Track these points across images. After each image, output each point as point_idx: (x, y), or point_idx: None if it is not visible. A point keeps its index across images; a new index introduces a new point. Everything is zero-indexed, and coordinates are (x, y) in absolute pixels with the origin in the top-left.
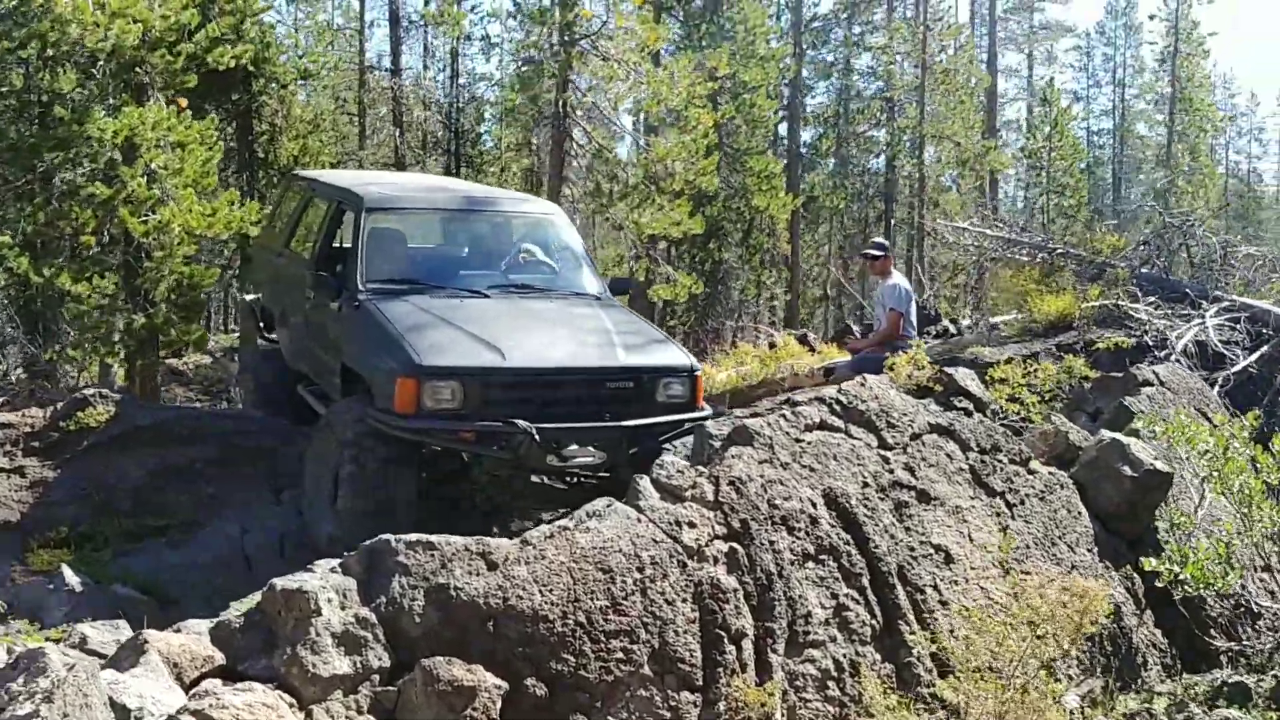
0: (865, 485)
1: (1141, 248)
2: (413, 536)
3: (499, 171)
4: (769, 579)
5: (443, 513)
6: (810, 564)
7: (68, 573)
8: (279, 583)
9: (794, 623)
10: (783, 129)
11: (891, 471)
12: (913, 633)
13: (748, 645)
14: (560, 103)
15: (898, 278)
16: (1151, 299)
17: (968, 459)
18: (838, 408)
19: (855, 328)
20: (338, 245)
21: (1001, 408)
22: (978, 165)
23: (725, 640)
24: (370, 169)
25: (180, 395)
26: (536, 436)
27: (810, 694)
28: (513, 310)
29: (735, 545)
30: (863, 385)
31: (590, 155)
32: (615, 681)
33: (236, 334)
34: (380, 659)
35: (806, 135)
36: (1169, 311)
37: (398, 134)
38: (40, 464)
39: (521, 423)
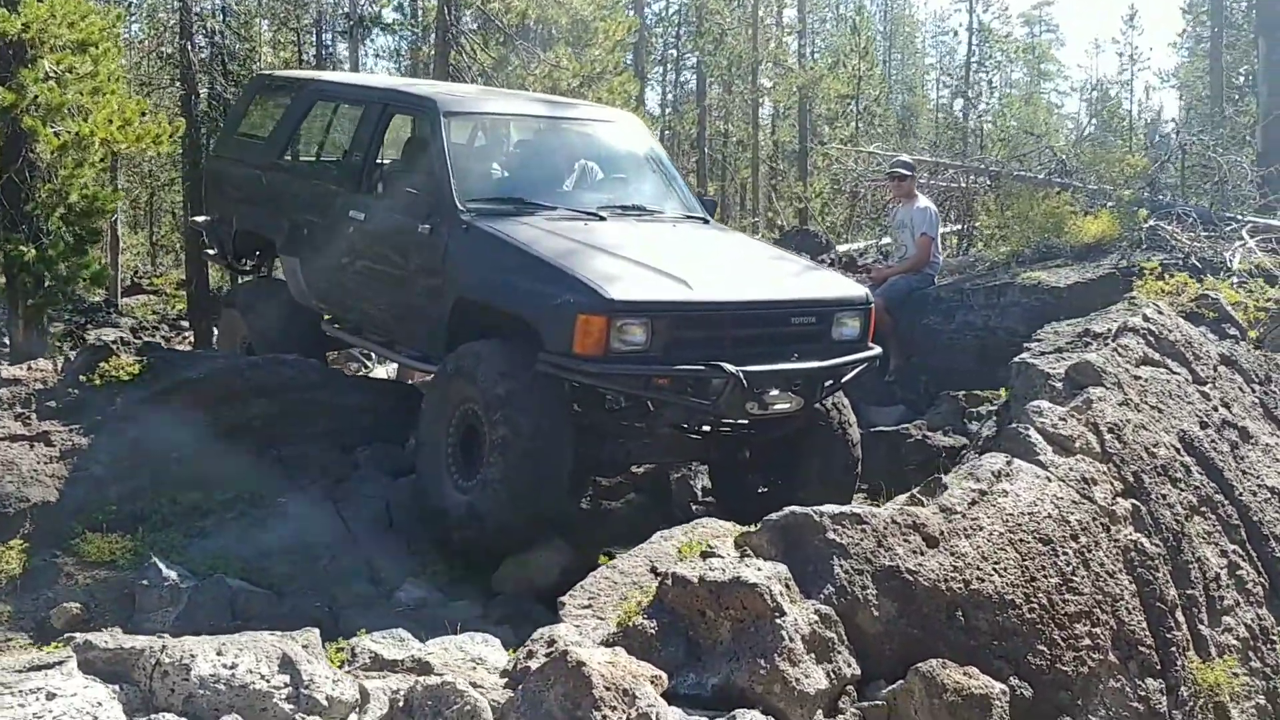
0: (1204, 425)
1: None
2: (834, 508)
3: None
4: (1176, 539)
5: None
6: (1196, 518)
7: (161, 565)
8: (681, 571)
9: (1208, 587)
10: None
11: (1215, 409)
12: None
13: (1181, 617)
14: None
15: (925, 200)
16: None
17: (1253, 391)
18: (1152, 339)
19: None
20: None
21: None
22: None
23: (1166, 614)
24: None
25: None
26: (744, 381)
27: (1236, 667)
28: (651, 235)
29: (1135, 502)
30: (1160, 313)
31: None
32: (1089, 674)
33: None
34: (850, 665)
35: None
36: (1202, 235)
37: None
38: (67, 429)
39: (728, 366)
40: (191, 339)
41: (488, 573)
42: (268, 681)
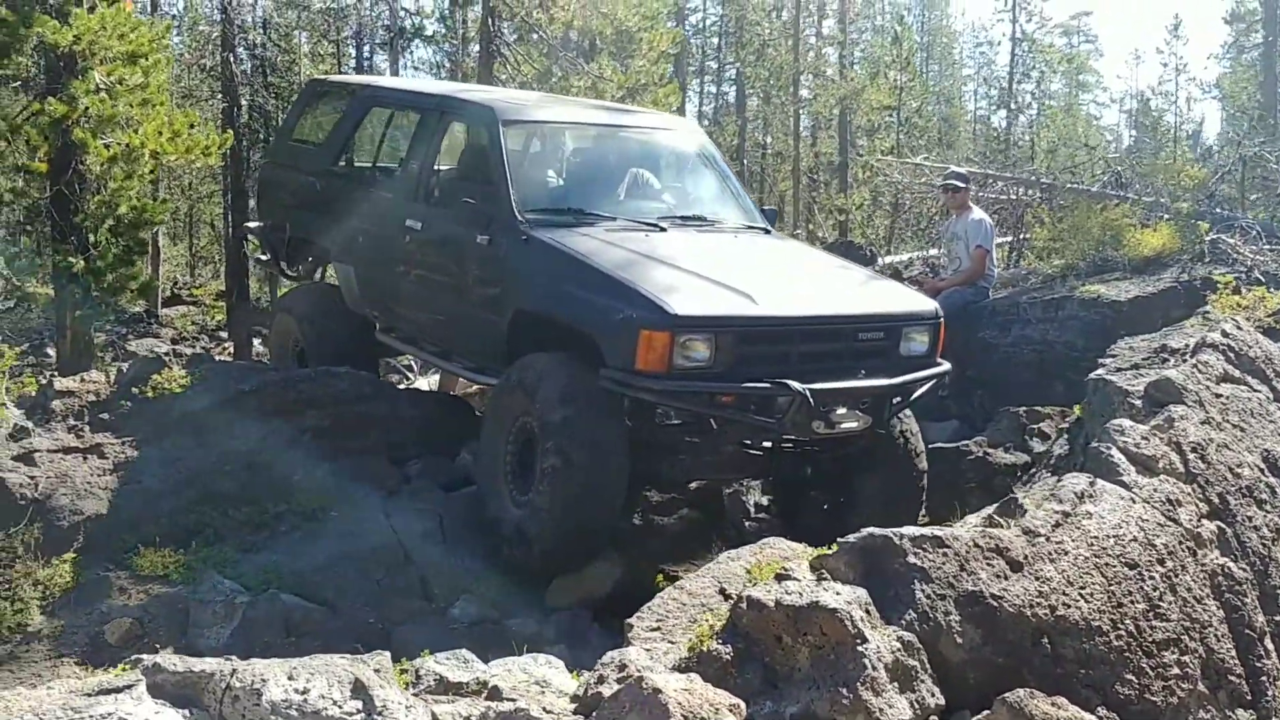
0: None
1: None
2: (915, 530)
3: None
4: (1263, 563)
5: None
6: None
7: (216, 580)
8: (756, 594)
9: None
10: None
11: None
12: None
13: (1270, 644)
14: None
15: (979, 212)
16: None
17: None
18: (1232, 355)
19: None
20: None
21: None
22: None
23: (1255, 641)
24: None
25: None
26: (811, 399)
27: None
28: (713, 246)
29: (1221, 524)
30: (1239, 328)
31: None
32: (1179, 704)
33: None
34: (933, 695)
35: None
36: (1265, 249)
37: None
38: (119, 441)
39: (794, 384)
40: (231, 350)
41: (541, 587)
42: (340, 708)
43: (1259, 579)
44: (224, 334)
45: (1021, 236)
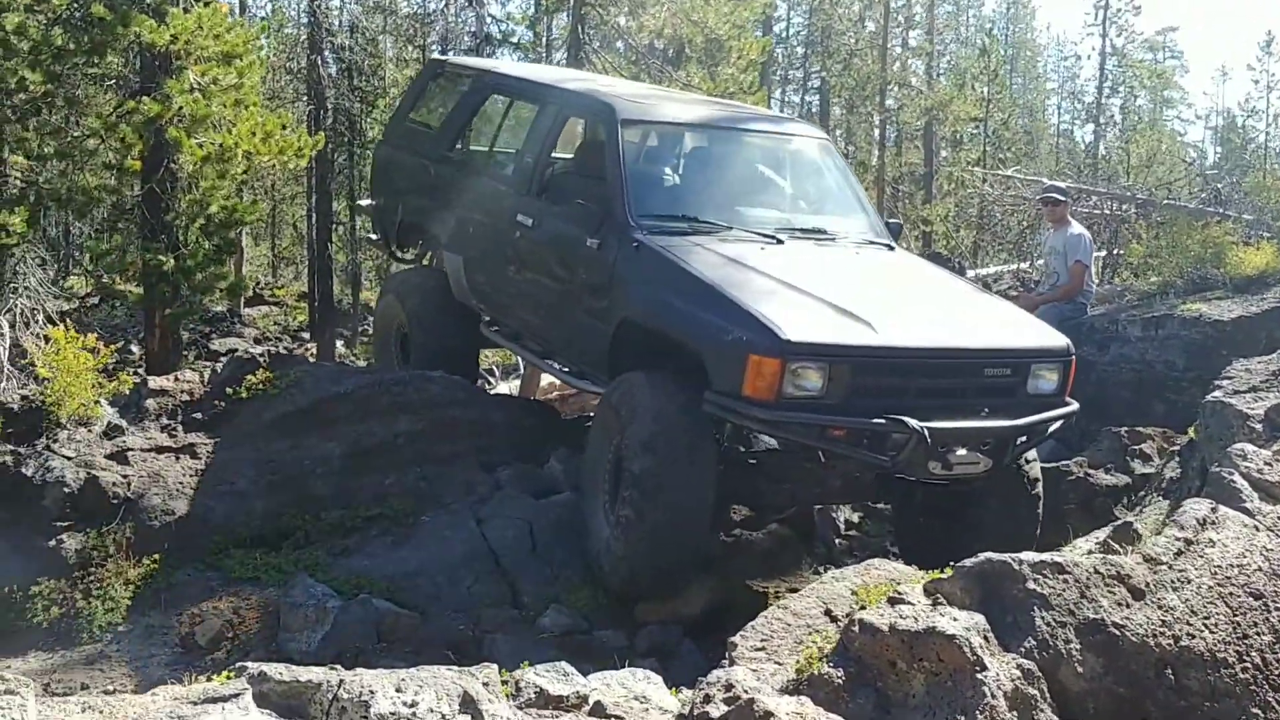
0: None
1: None
2: (1035, 556)
3: None
4: None
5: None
6: None
7: (309, 583)
8: (869, 618)
9: None
10: None
11: None
12: None
13: None
14: (576, 28)
15: (1078, 226)
16: None
17: None
18: None
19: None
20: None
21: None
22: None
23: None
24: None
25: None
26: (929, 438)
27: None
28: (832, 263)
29: None
30: None
31: None
32: None
33: None
34: None
35: None
36: None
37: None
38: (212, 442)
39: (911, 421)
40: (314, 350)
41: (631, 599)
42: None
43: None
44: (306, 335)
45: (1115, 252)
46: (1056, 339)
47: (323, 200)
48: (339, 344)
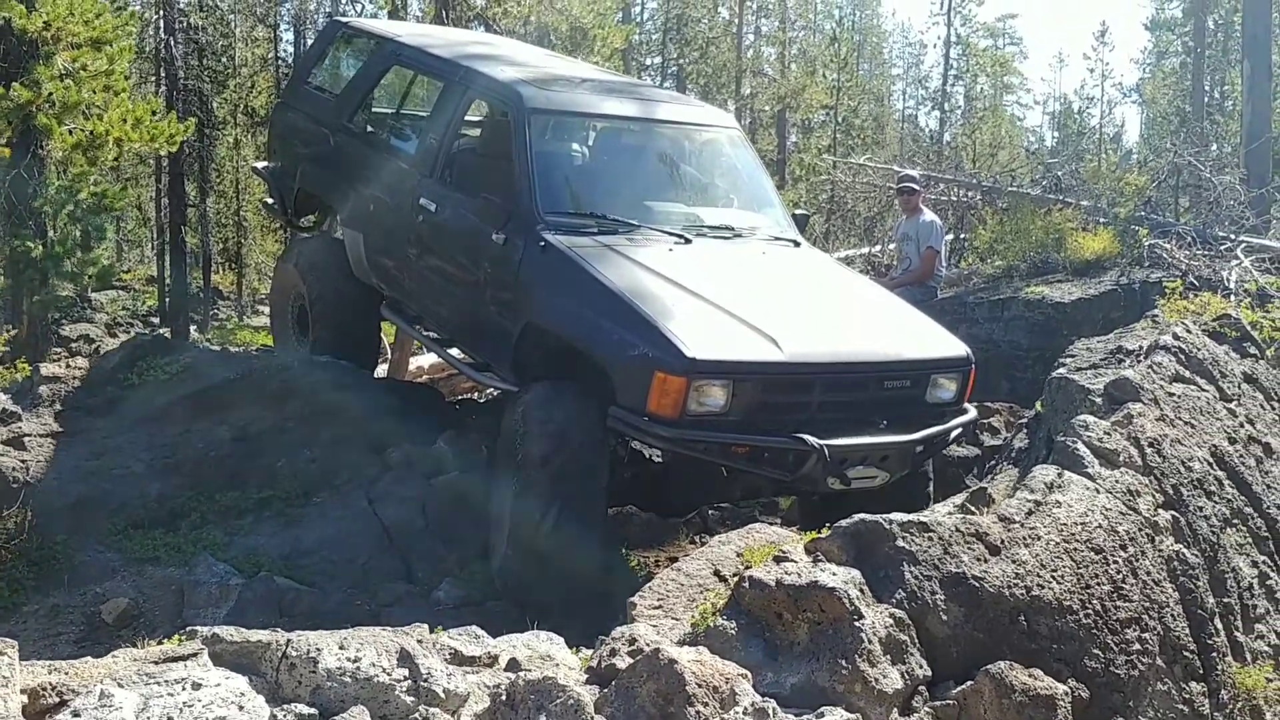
0: (1232, 441)
1: (1151, 190)
2: (903, 517)
3: None
4: (1213, 550)
5: None
6: (1229, 530)
7: (211, 562)
8: (758, 575)
9: (1242, 596)
10: None
11: (1242, 426)
12: None
13: (1219, 624)
14: (441, 12)
15: (929, 213)
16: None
17: (1274, 409)
18: (1182, 357)
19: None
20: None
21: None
22: None
23: (1206, 620)
24: None
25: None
26: (829, 456)
27: (1270, 673)
28: (739, 266)
29: (1175, 514)
30: (1188, 331)
31: None
32: (1139, 677)
33: None
34: (921, 667)
35: None
36: (1196, 254)
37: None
38: (107, 426)
39: (812, 439)
40: (168, 335)
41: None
42: (389, 675)
43: (1209, 564)
44: (156, 320)
45: (963, 237)
46: (957, 348)
47: (175, 182)
48: (192, 329)
